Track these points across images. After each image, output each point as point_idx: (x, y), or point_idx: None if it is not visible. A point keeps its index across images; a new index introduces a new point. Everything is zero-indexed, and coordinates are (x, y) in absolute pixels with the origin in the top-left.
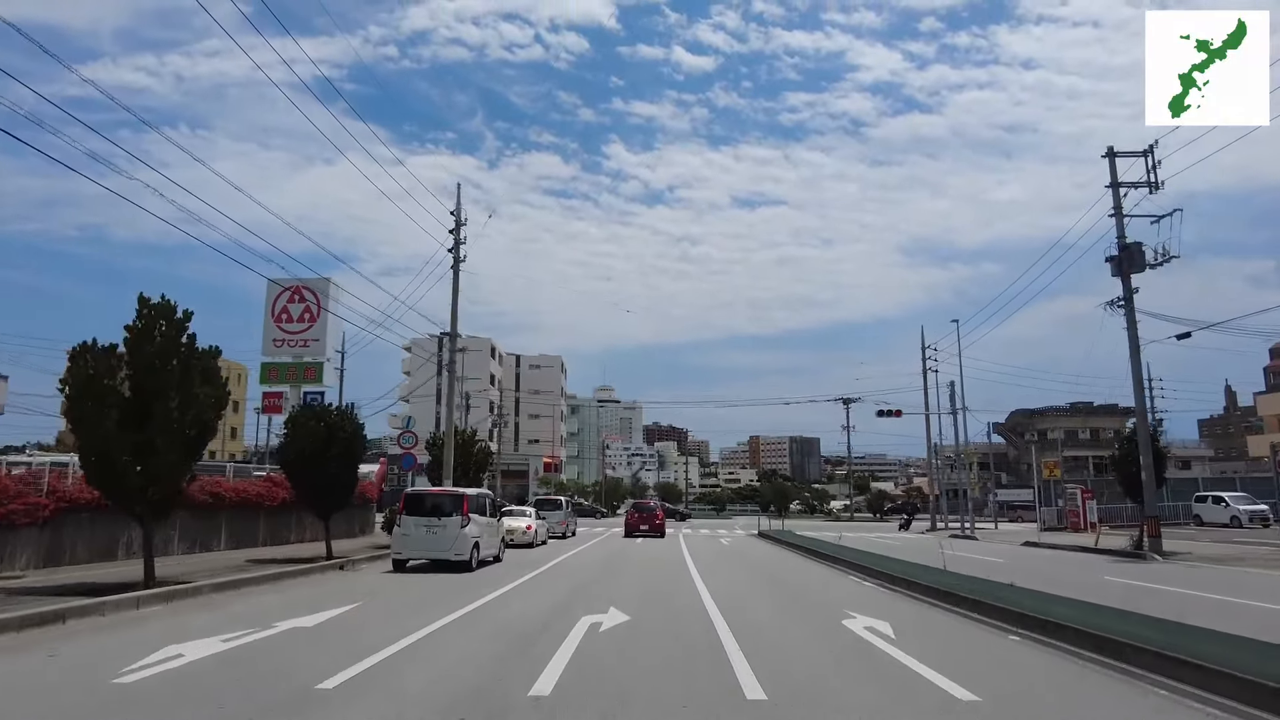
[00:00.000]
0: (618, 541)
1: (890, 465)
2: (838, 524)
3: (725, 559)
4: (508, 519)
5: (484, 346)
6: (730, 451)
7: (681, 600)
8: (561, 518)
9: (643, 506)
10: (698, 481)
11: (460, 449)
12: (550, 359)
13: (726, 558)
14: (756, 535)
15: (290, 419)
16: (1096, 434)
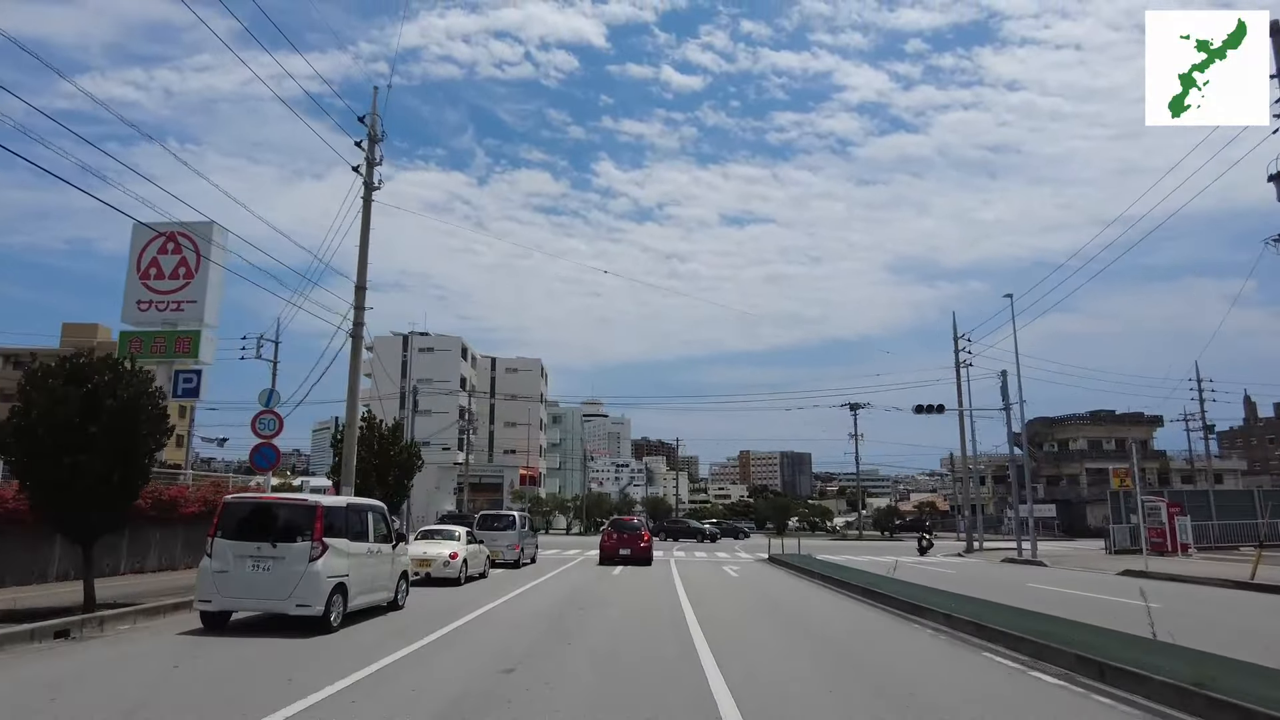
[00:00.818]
0: (590, 571)
1: (883, 481)
2: (847, 544)
3: (744, 606)
4: (423, 545)
5: (454, 346)
6: (720, 467)
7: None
8: (513, 539)
9: (624, 525)
10: (687, 497)
11: (373, 446)
12: (529, 361)
13: (745, 603)
14: (767, 560)
15: (25, 378)
16: (1122, 444)
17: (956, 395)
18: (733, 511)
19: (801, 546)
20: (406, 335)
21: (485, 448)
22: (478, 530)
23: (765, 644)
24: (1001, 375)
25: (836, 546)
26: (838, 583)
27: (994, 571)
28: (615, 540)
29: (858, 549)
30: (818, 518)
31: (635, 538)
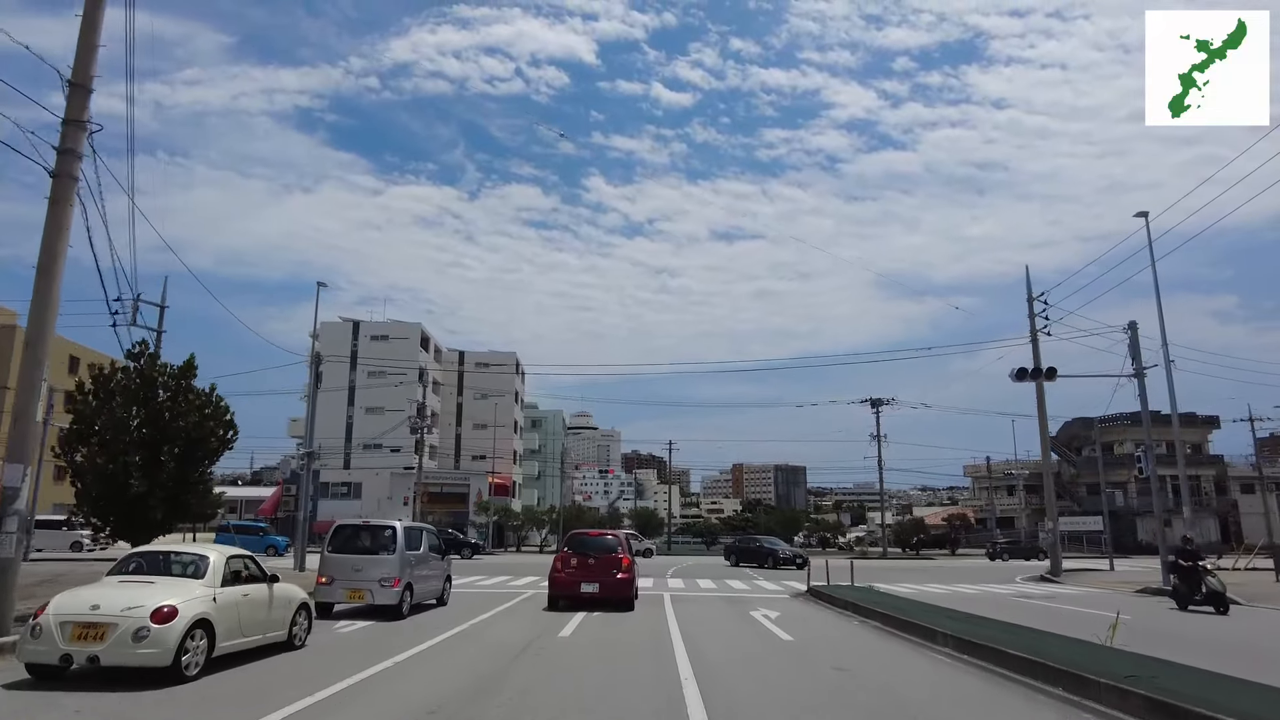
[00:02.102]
0: (524, 625)
1: (874, 495)
2: (887, 565)
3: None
4: (97, 591)
5: (412, 333)
6: (712, 480)
7: None
8: (392, 569)
9: (589, 542)
10: (679, 512)
11: (140, 396)
12: (502, 355)
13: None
14: (806, 594)
15: None
16: (1172, 448)
17: (1033, 362)
18: (729, 526)
19: (835, 570)
20: (356, 321)
21: (451, 452)
22: (330, 553)
23: None
24: (1129, 328)
25: (878, 570)
26: (989, 657)
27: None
28: (574, 568)
29: (913, 573)
30: (828, 533)
31: (607, 564)
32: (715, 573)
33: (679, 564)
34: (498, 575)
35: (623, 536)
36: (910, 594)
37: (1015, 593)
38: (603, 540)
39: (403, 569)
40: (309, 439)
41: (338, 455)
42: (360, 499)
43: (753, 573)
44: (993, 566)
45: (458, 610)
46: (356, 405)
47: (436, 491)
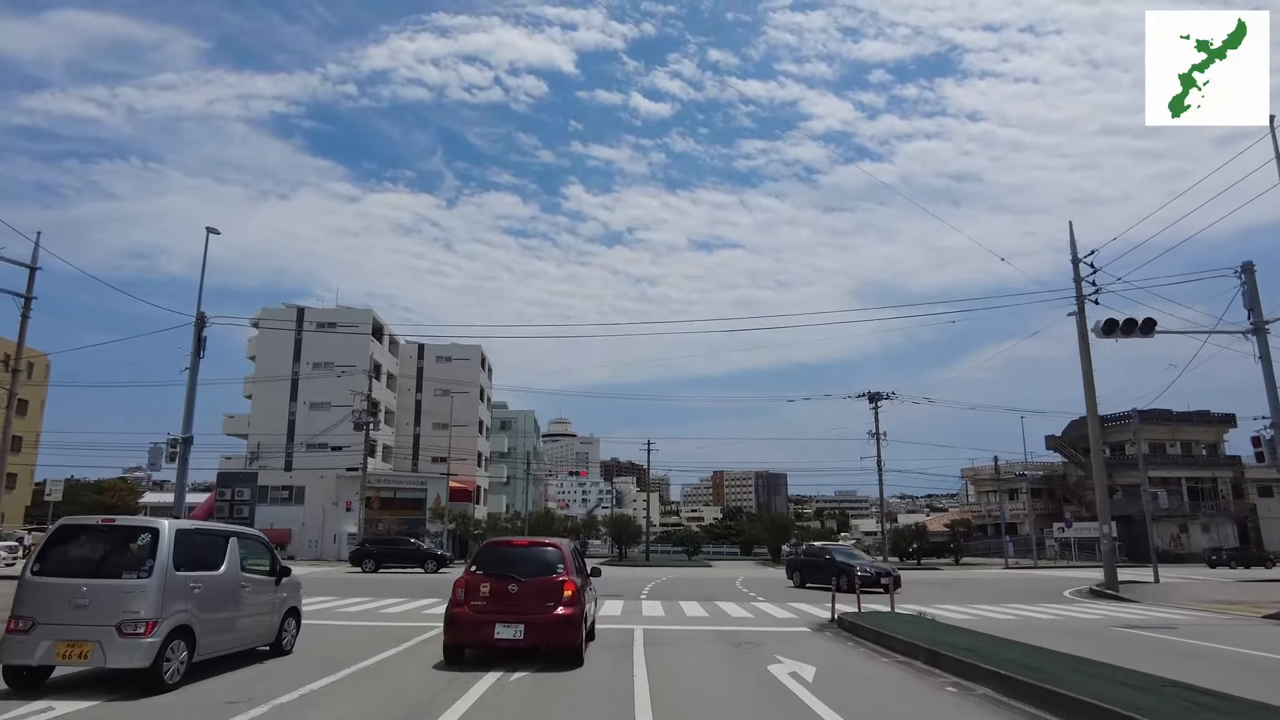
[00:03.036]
0: (373, 711)
1: (861, 502)
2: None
3: None
4: None
5: (362, 321)
6: (692, 488)
7: None
8: (141, 607)
9: (508, 557)
10: (658, 520)
11: None
12: (466, 349)
13: None
14: (835, 627)
15: None
16: (1188, 448)
17: (1080, 335)
18: (711, 534)
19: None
20: (301, 307)
21: (409, 453)
22: (36, 575)
23: None
24: (1242, 272)
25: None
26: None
27: None
28: (487, 599)
29: (936, 588)
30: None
31: (540, 591)
32: (701, 589)
33: (658, 577)
34: (423, 597)
35: (566, 549)
36: (967, 620)
37: (1105, 618)
38: (534, 554)
39: (164, 602)
40: (187, 423)
41: (279, 455)
42: (303, 504)
43: (789, 595)
44: (1026, 578)
45: (293, 666)
46: (300, 400)
47: (389, 497)
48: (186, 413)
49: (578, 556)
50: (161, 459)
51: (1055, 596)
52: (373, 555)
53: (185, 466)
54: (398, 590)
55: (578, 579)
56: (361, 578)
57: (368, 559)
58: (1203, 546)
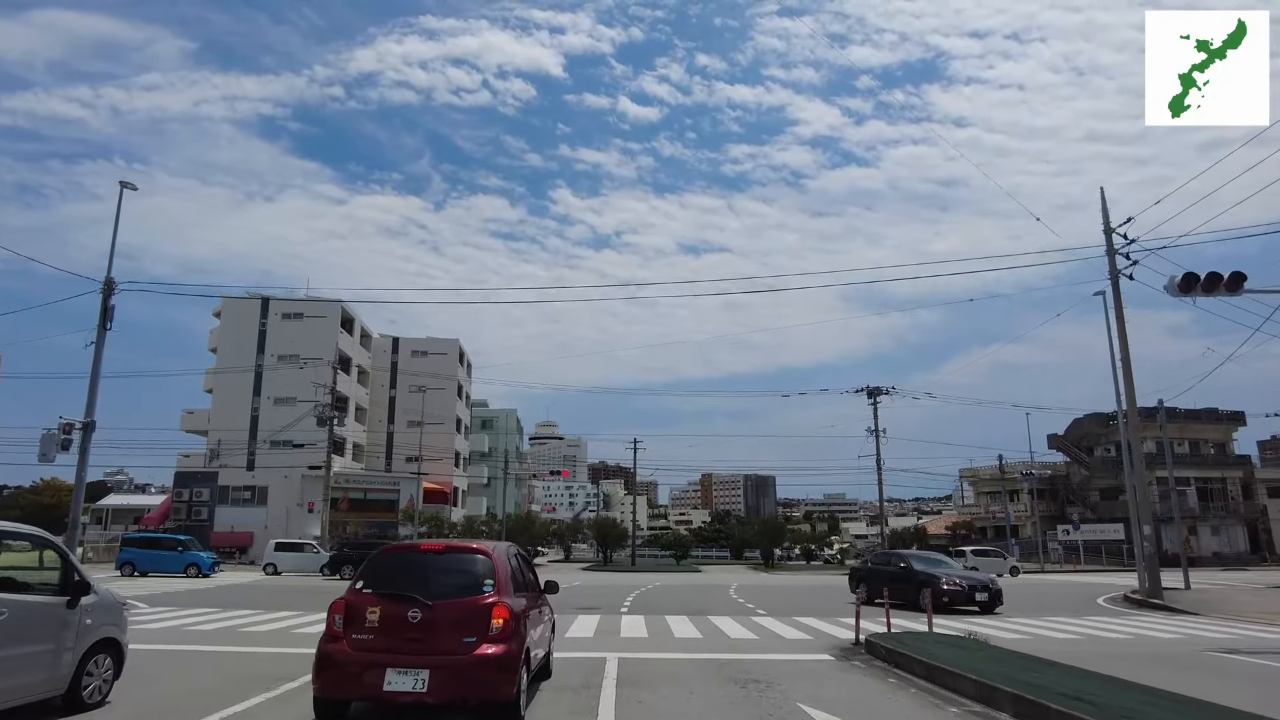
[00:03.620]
0: None
1: (850, 505)
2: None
3: None
4: None
5: (331, 312)
6: (680, 491)
7: None
8: None
9: (408, 567)
10: (646, 523)
11: None
12: (443, 343)
13: None
14: (863, 653)
15: None
16: (1196, 447)
17: (1115, 310)
18: (700, 538)
19: (818, 586)
20: (266, 297)
21: (382, 453)
22: None
23: None
24: None
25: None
26: None
27: None
28: (376, 630)
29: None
30: (812, 544)
31: (452, 620)
32: (691, 599)
33: (644, 585)
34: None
35: (500, 556)
36: (1019, 640)
37: (1183, 637)
38: (451, 565)
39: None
40: (90, 407)
41: (241, 453)
42: (266, 505)
43: (793, 607)
44: (1045, 584)
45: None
46: (264, 395)
47: (359, 498)
48: (90, 394)
49: (521, 567)
50: (54, 448)
51: (1091, 606)
52: (352, 561)
53: (86, 458)
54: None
55: (514, 599)
56: (326, 585)
57: (346, 565)
58: (1212, 549)
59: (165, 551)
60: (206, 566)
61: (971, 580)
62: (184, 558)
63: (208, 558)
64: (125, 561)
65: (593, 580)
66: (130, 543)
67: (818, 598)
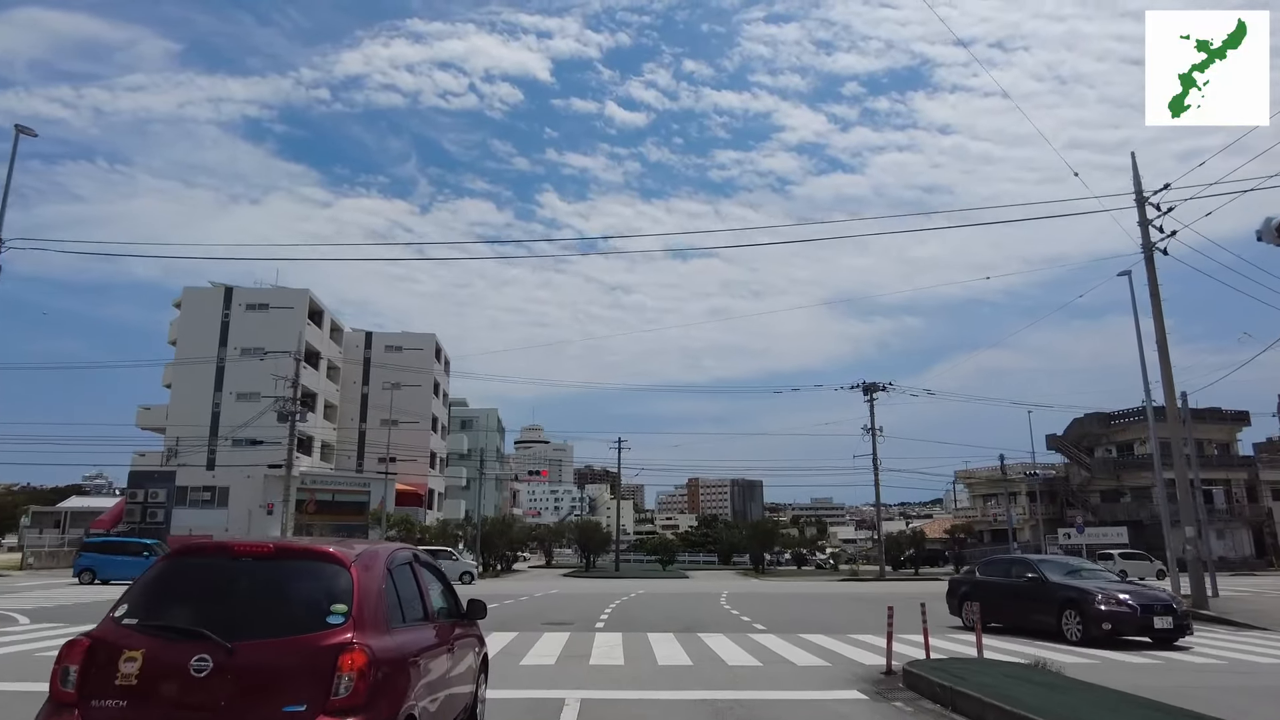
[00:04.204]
0: None
1: (838, 509)
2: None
3: None
4: None
5: (298, 302)
6: (667, 496)
7: None
8: None
9: (205, 582)
10: (632, 528)
11: None
12: (419, 338)
13: None
14: (899, 688)
15: None
16: (1200, 447)
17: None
18: (687, 542)
19: (817, 593)
20: (229, 286)
21: (354, 452)
22: None
23: None
24: None
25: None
26: None
27: None
28: (138, 688)
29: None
30: (803, 549)
31: (264, 675)
32: (679, 611)
33: (627, 593)
34: None
35: (372, 566)
36: (1091, 668)
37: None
38: (275, 578)
39: None
40: None
41: (201, 452)
42: (227, 507)
43: (795, 622)
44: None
45: None
46: (226, 390)
47: (327, 499)
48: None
49: (416, 583)
50: None
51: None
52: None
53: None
54: None
55: (389, 637)
56: None
57: None
58: (1218, 554)
59: (129, 557)
60: None
61: (1146, 596)
62: (149, 563)
63: None
64: (84, 568)
65: (572, 588)
66: (90, 547)
67: (821, 609)
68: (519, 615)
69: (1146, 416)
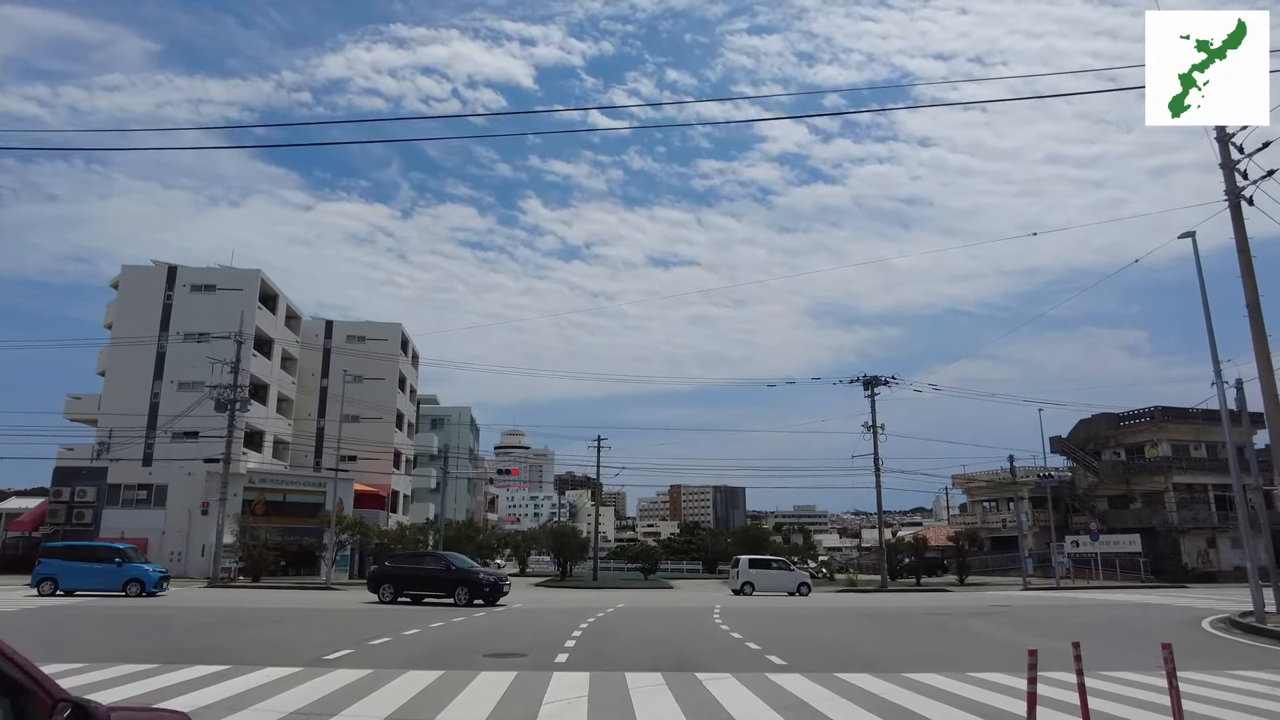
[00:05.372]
0: None
1: (820, 518)
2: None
3: None
4: None
5: (249, 283)
6: (649, 503)
7: None
8: None
9: None
10: (613, 535)
11: None
12: (384, 327)
13: None
14: None
15: None
16: (1214, 451)
17: (1235, 229)
18: (670, 549)
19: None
20: (172, 265)
21: (311, 450)
22: None
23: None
24: None
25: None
26: None
27: None
28: None
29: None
30: (794, 557)
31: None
32: (666, 634)
33: (604, 607)
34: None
35: None
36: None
37: None
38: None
39: None
40: None
41: (137, 445)
42: (165, 507)
43: (830, 649)
44: (1102, 605)
45: None
46: (166, 378)
47: (278, 500)
48: None
49: None
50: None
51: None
52: (394, 578)
53: None
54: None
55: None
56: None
57: (386, 583)
58: (1233, 563)
59: (98, 564)
60: (152, 583)
61: None
62: (123, 572)
63: (154, 572)
64: (44, 577)
65: (541, 599)
66: (52, 553)
67: (838, 630)
68: (458, 641)
69: (1157, 418)
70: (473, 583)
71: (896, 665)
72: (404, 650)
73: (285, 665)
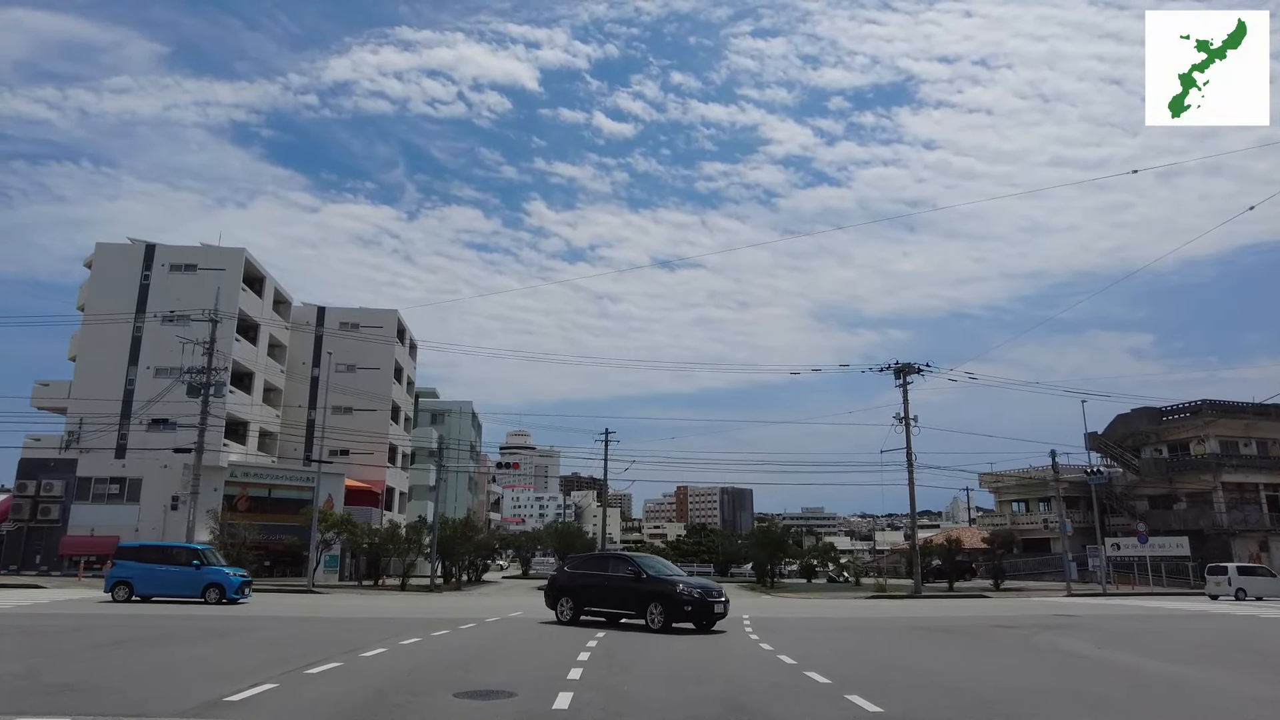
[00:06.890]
0: None
1: (830, 520)
2: (1011, 614)
3: None
4: None
5: (232, 263)
6: (655, 504)
7: None
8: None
9: None
10: (619, 536)
11: None
12: (379, 314)
13: None
14: None
15: None
16: (1265, 447)
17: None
18: (679, 552)
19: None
20: (150, 244)
21: (300, 443)
22: None
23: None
24: None
25: (1067, 630)
26: None
27: None
28: None
29: (1223, 646)
30: (815, 559)
31: None
32: (702, 665)
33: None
34: None
35: None
36: None
37: None
38: None
39: None
40: None
41: (110, 436)
42: (139, 502)
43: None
44: (1191, 617)
45: None
46: (142, 364)
47: (262, 495)
48: None
49: None
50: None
51: None
52: (567, 589)
53: None
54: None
55: None
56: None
57: (565, 596)
58: None
59: (175, 567)
60: (233, 588)
61: None
62: (201, 576)
63: (235, 576)
64: (119, 581)
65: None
66: (126, 553)
67: (904, 651)
68: (426, 668)
69: (1203, 413)
70: (668, 597)
71: (1038, 713)
72: (344, 685)
73: (151, 717)
